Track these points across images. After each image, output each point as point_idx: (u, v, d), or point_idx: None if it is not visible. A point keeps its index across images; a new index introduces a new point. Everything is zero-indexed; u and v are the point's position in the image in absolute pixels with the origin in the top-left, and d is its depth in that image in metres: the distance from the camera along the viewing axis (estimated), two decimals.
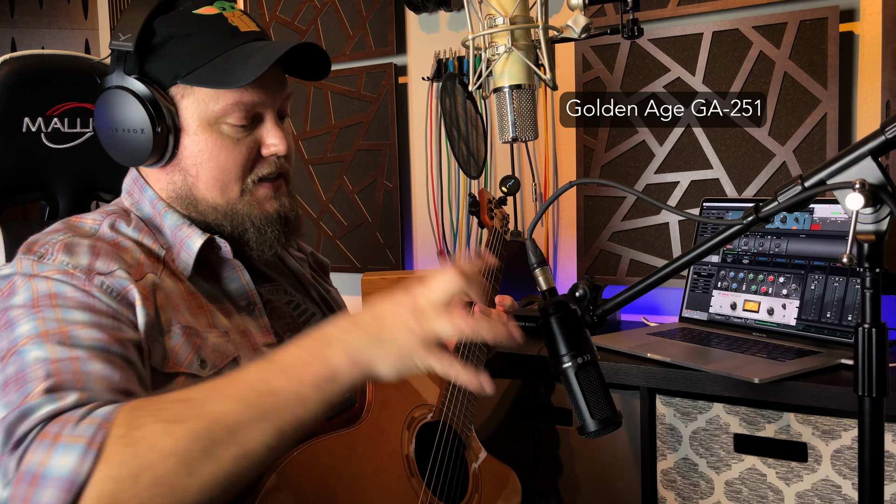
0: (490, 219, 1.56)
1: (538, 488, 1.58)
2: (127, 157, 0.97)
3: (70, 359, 0.77)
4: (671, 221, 1.91)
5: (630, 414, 1.46)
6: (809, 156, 1.75)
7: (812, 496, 1.29)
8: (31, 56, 1.21)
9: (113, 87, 0.95)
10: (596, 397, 0.83)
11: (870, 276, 0.70)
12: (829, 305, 1.47)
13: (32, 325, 0.81)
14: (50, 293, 0.84)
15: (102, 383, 0.77)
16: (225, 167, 0.97)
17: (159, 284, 0.92)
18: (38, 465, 0.68)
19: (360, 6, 2.29)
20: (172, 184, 0.99)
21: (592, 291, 0.85)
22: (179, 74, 0.95)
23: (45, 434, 0.70)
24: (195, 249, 0.97)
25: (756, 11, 1.79)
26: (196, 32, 0.95)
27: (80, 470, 0.67)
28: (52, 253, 0.88)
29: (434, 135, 2.18)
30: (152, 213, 1.00)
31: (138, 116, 0.93)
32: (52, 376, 0.75)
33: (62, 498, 0.66)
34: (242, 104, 0.96)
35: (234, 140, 0.97)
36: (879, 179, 0.69)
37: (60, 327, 0.81)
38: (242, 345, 0.97)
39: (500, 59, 1.27)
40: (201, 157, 0.97)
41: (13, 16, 3.28)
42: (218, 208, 0.99)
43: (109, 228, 0.95)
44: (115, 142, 0.97)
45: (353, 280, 2.22)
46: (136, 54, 0.94)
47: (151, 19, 0.95)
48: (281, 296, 1.10)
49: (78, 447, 0.68)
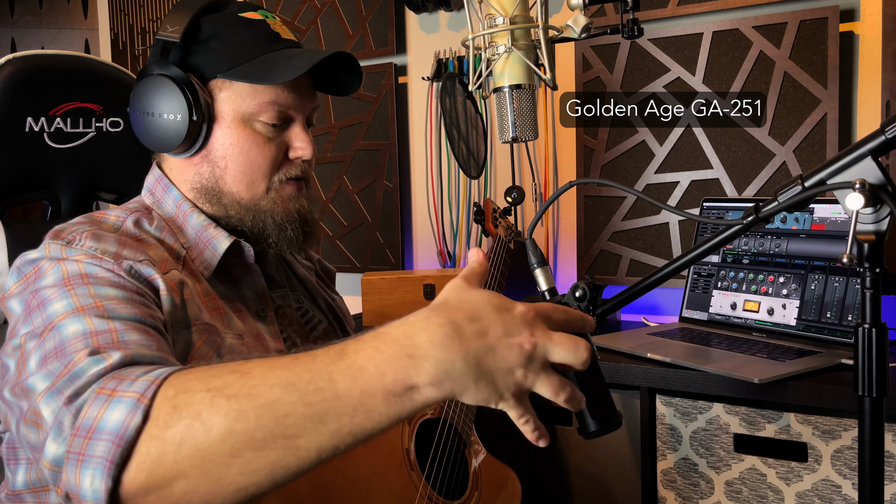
0: (495, 227, 1.57)
1: (538, 488, 1.59)
2: (158, 142, 0.99)
3: (108, 330, 0.78)
4: (671, 221, 1.91)
5: (630, 414, 1.46)
6: (809, 156, 1.75)
7: (812, 496, 1.29)
8: (34, 56, 1.21)
9: (155, 73, 0.97)
10: (596, 397, 0.84)
11: (870, 276, 0.70)
12: (829, 305, 1.47)
13: (67, 302, 0.81)
14: (81, 273, 0.85)
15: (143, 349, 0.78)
16: (254, 163, 1.00)
17: (184, 281, 0.93)
18: (94, 419, 0.67)
19: (360, 6, 2.29)
20: (199, 175, 1.01)
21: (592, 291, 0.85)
22: (220, 69, 0.98)
23: (103, 389, 0.70)
24: (221, 251, 0.99)
25: (756, 11, 1.79)
26: (240, 32, 1.00)
27: (130, 423, 0.65)
28: (80, 239, 0.89)
29: (434, 135, 2.18)
30: (175, 213, 1.02)
31: (176, 102, 0.96)
32: (92, 343, 0.76)
33: (113, 451, 0.65)
34: (277, 104, 1.00)
35: (266, 138, 1.00)
36: (879, 179, 0.69)
37: (96, 302, 0.82)
38: (256, 348, 0.99)
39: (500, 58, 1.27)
40: (232, 150, 0.99)
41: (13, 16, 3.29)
42: (241, 203, 1.01)
43: (133, 225, 0.97)
44: (149, 126, 0.99)
45: (353, 280, 2.22)
46: (181, 46, 0.98)
47: (199, 17, 0.99)
48: (290, 302, 1.12)
49: (128, 401, 0.67)
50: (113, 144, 1.29)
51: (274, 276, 1.12)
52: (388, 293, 1.90)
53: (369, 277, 1.92)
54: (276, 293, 1.10)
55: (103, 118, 1.28)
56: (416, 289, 1.89)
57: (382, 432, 0.64)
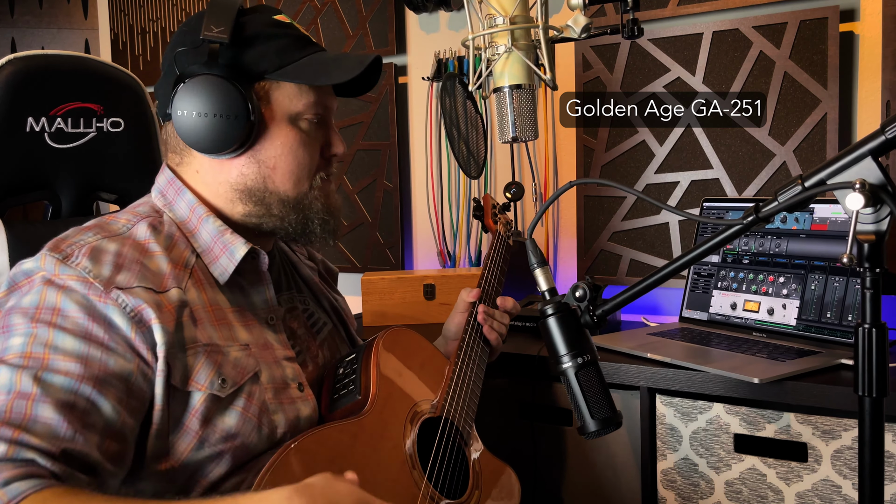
0: (494, 223, 1.57)
1: (538, 488, 1.59)
2: (212, 143, 0.98)
3: (30, 397, 0.79)
4: (671, 221, 1.91)
5: (630, 414, 1.46)
6: (809, 156, 1.75)
7: (812, 496, 1.30)
8: (35, 56, 1.21)
9: (209, 73, 0.96)
10: (596, 397, 0.84)
11: (870, 276, 0.71)
12: (829, 305, 1.47)
13: (22, 342, 0.83)
14: (55, 308, 0.85)
15: (46, 432, 0.78)
16: (301, 161, 1.02)
17: (184, 299, 0.92)
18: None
19: (360, 6, 2.29)
20: (242, 176, 1.01)
21: (592, 291, 0.86)
22: (267, 70, 0.99)
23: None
24: (239, 257, 0.99)
25: (756, 11, 1.79)
26: (279, 35, 1.01)
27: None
28: (76, 256, 0.89)
29: (434, 135, 2.18)
30: (188, 216, 1.01)
31: (235, 103, 0.96)
32: (3, 412, 0.77)
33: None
34: (320, 105, 1.03)
35: (310, 137, 1.03)
36: (879, 179, 0.70)
37: (45, 353, 0.82)
38: (263, 358, 0.99)
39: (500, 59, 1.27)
40: (282, 149, 1.00)
41: (13, 16, 3.29)
42: (287, 201, 1.02)
43: (148, 228, 0.96)
44: (201, 127, 0.97)
45: (353, 280, 2.22)
46: (228, 46, 0.97)
47: (239, 17, 0.99)
48: (297, 304, 1.13)
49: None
50: (113, 144, 1.29)
51: (281, 278, 1.13)
52: (388, 293, 1.90)
53: (369, 277, 1.92)
54: (283, 296, 1.10)
55: (104, 118, 1.28)
56: (416, 289, 1.89)
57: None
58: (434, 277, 1.89)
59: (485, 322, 1.31)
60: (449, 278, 1.89)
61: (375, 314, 1.90)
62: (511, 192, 1.67)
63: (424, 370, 1.17)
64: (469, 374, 1.23)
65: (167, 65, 1.03)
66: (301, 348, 1.08)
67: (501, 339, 1.35)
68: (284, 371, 1.00)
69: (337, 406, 1.03)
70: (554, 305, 0.85)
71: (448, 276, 1.90)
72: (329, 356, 1.14)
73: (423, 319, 1.88)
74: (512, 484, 1.21)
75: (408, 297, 1.89)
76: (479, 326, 1.30)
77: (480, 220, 1.60)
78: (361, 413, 1.00)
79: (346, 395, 1.04)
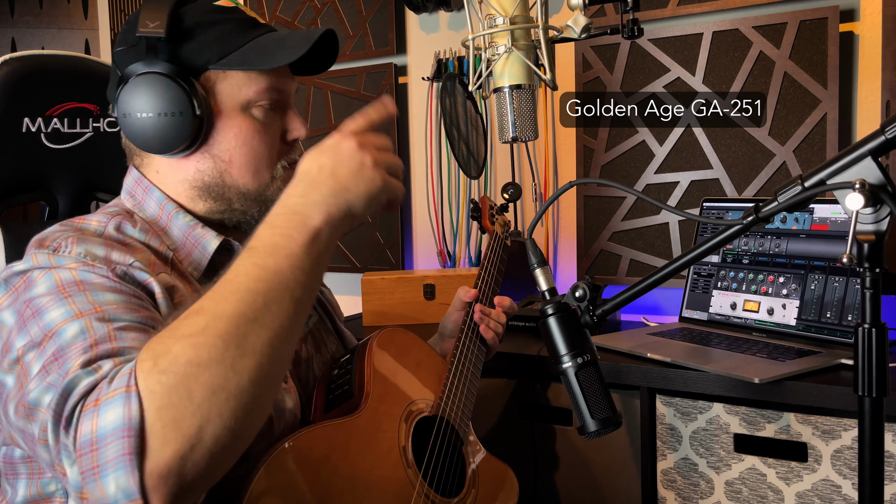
0: (491, 224, 1.57)
1: (538, 488, 1.58)
2: (160, 143, 0.95)
3: (107, 333, 0.77)
4: (671, 221, 1.91)
5: (630, 414, 1.46)
6: (809, 156, 1.75)
7: (812, 496, 1.29)
8: (31, 56, 1.21)
9: (148, 71, 0.94)
10: (596, 397, 0.83)
11: (870, 276, 0.70)
12: (829, 305, 1.47)
13: (65, 310, 0.80)
14: (75, 280, 0.83)
15: (136, 345, 0.76)
16: (258, 151, 0.99)
17: (174, 284, 0.91)
18: (91, 432, 0.67)
19: (360, 6, 2.29)
20: (199, 172, 0.98)
21: (592, 291, 0.85)
22: (211, 60, 0.96)
23: (87, 405, 0.69)
24: (211, 250, 0.98)
25: (756, 11, 1.79)
26: (220, 21, 0.97)
27: (130, 413, 0.66)
28: (66, 246, 0.87)
29: (434, 135, 2.18)
30: (158, 214, 0.99)
31: (178, 99, 0.93)
32: (90, 350, 0.75)
33: (127, 444, 0.65)
34: (273, 89, 0.99)
35: (265, 125, 0.99)
36: (879, 179, 0.69)
37: (95, 307, 0.80)
38: None
39: (500, 59, 1.27)
40: (235, 141, 0.97)
41: (13, 16, 3.29)
42: (248, 194, 0.99)
43: (115, 230, 0.94)
44: (147, 127, 0.95)
45: (353, 280, 2.22)
46: (166, 41, 0.94)
47: (176, 8, 0.96)
48: None
49: (117, 398, 0.67)
50: (110, 144, 1.29)
51: None
52: (388, 293, 1.90)
53: (369, 277, 1.92)
54: None
55: (100, 118, 1.28)
56: (416, 289, 1.89)
57: (319, 279, 0.80)
58: (434, 277, 1.89)
59: (481, 321, 1.30)
60: (449, 278, 1.89)
61: (375, 314, 1.90)
62: (508, 193, 1.66)
63: (420, 369, 1.17)
64: (465, 372, 1.23)
65: (113, 66, 0.99)
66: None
67: (498, 339, 1.34)
68: None
69: (332, 406, 1.03)
70: (554, 305, 0.85)
71: (448, 276, 1.90)
72: (313, 349, 1.13)
73: (422, 319, 1.87)
74: (510, 482, 1.21)
75: (408, 297, 1.89)
76: (476, 326, 1.30)
77: (478, 222, 1.60)
78: (356, 412, 1.00)
79: (341, 395, 1.04)
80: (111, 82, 1.00)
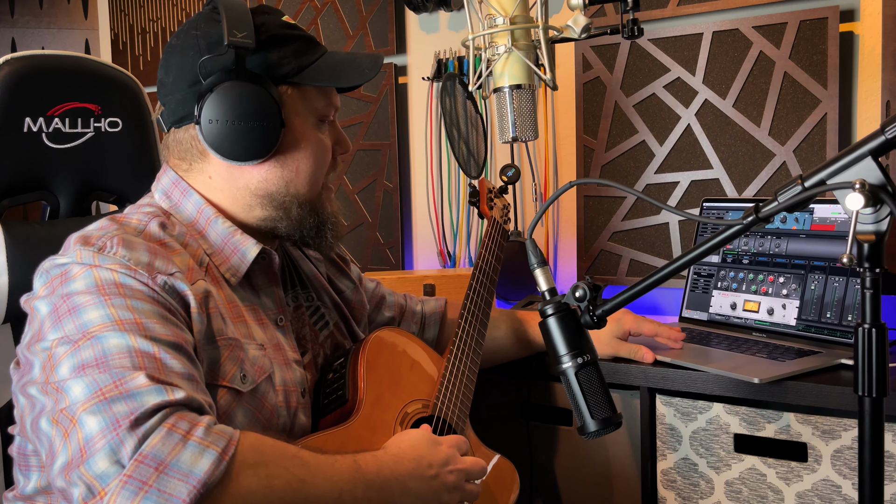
0: (490, 209, 1.56)
1: (537, 488, 1.59)
2: (245, 150, 0.95)
3: (153, 355, 0.78)
4: (671, 221, 1.91)
5: (630, 414, 1.46)
6: (809, 156, 1.75)
7: (812, 496, 1.29)
8: (32, 56, 1.21)
9: (239, 80, 0.93)
10: (596, 397, 0.84)
11: (870, 276, 0.70)
12: (829, 305, 1.47)
13: (104, 312, 0.80)
14: (115, 282, 0.84)
15: (189, 382, 0.79)
16: (321, 163, 1.02)
17: (210, 290, 0.92)
18: (167, 455, 0.71)
19: (360, 6, 2.29)
20: (265, 181, 0.99)
21: (592, 291, 0.85)
22: (290, 74, 0.98)
23: (175, 427, 0.73)
24: (250, 258, 0.98)
25: (756, 11, 1.79)
26: (293, 37, 0.99)
27: (213, 475, 0.71)
28: (111, 246, 0.87)
29: (434, 135, 2.18)
30: (196, 218, 0.99)
31: (270, 109, 0.94)
32: (141, 368, 0.77)
33: (194, 494, 0.70)
34: (332, 105, 1.03)
35: (326, 138, 1.03)
36: (879, 179, 0.69)
37: (135, 318, 0.81)
38: (276, 359, 0.98)
39: (500, 59, 1.27)
40: (305, 153, 1.00)
41: (13, 16, 3.29)
42: (304, 204, 1.01)
43: (158, 227, 0.94)
44: (234, 134, 0.94)
45: None
46: (255, 51, 0.95)
47: (254, 20, 0.96)
48: (301, 303, 1.12)
49: (212, 453, 0.72)
50: (111, 145, 1.29)
51: (286, 277, 1.12)
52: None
53: (369, 277, 1.91)
54: (288, 295, 1.10)
55: (101, 118, 1.28)
56: (416, 289, 1.89)
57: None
58: (434, 277, 1.89)
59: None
60: (449, 278, 1.89)
61: None
62: (508, 174, 1.61)
63: (415, 370, 1.17)
64: (462, 370, 1.22)
65: (182, 71, 0.98)
66: (306, 349, 1.08)
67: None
68: (295, 374, 1.00)
69: (326, 412, 1.04)
70: (554, 305, 0.85)
71: (448, 276, 1.90)
72: (331, 355, 1.14)
73: None
74: (510, 474, 1.21)
75: None
76: (473, 323, 1.30)
77: (476, 207, 1.58)
78: (349, 420, 1.00)
79: (335, 401, 1.04)
80: (175, 87, 0.99)
